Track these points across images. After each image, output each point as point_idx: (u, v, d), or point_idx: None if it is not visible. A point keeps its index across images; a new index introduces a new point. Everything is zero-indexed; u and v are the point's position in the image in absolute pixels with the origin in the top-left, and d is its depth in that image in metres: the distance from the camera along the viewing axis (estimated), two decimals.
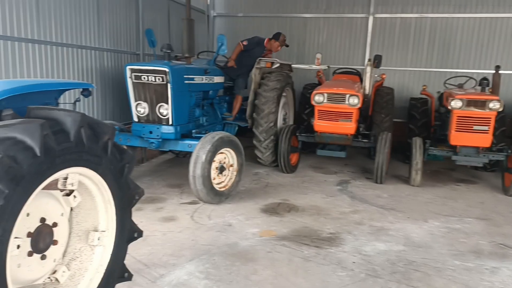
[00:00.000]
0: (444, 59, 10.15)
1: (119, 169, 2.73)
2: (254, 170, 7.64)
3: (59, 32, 5.75)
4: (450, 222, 5.29)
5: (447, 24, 10.05)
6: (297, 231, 4.80)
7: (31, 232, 2.32)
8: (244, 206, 5.65)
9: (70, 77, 5.97)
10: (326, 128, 7.02)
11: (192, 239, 4.47)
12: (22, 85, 2.29)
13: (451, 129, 6.62)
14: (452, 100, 6.53)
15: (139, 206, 5.45)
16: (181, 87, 5.79)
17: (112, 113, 7.18)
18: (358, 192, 6.49)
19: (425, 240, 4.66)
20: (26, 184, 2.05)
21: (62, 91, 2.72)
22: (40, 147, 2.07)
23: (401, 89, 10.39)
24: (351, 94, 6.78)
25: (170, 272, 3.72)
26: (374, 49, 10.42)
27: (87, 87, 2.85)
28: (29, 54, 5.23)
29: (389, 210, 5.69)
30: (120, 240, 2.83)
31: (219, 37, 6.44)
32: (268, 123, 7.40)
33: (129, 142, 5.99)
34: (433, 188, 6.87)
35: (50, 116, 2.25)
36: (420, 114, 8.58)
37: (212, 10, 11.55)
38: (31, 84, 2.35)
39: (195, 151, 5.35)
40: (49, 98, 2.59)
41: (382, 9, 10.43)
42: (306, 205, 5.76)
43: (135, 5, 7.62)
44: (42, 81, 2.69)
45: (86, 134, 2.38)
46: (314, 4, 10.91)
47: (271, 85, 7.49)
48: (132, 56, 7.65)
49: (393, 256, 4.19)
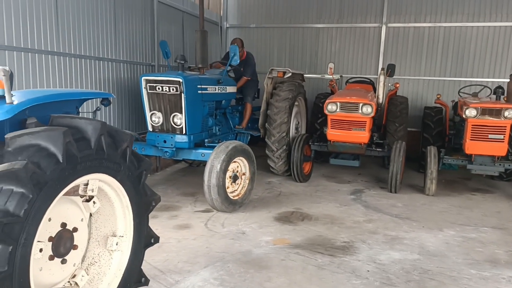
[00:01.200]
0: (458, 68, 10.10)
1: (137, 176, 2.80)
2: (267, 179, 7.67)
3: (78, 44, 5.91)
4: (465, 231, 5.25)
5: (461, 33, 10.02)
6: (311, 240, 4.81)
7: (52, 236, 2.39)
8: (257, 214, 5.68)
9: (88, 87, 6.11)
10: (339, 137, 7.03)
11: (206, 247, 4.51)
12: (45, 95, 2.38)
13: (466, 138, 6.58)
14: (466, 109, 6.50)
15: (154, 213, 5.52)
16: (194, 97, 5.89)
17: (127, 122, 7.30)
18: (372, 202, 6.47)
19: (440, 249, 4.63)
20: (49, 190, 2.12)
21: (83, 101, 2.81)
22: (62, 154, 2.15)
23: (415, 98, 10.36)
24: (364, 103, 6.79)
25: (185, 278, 3.77)
26: (387, 58, 10.43)
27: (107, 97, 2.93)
28: (49, 66, 5.38)
29: (404, 219, 5.66)
30: (137, 245, 2.89)
31: (231, 48, 6.53)
32: (281, 133, 7.45)
33: (144, 151, 6.08)
34: (448, 198, 6.82)
35: (72, 124, 2.34)
36: (435, 123, 8.53)
37: (225, 22, 11.70)
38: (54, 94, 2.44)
39: (209, 161, 5.40)
40: (70, 107, 2.67)
41: (395, 19, 10.45)
42: (320, 214, 5.77)
43: (150, 17, 7.78)
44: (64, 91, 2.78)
45: (106, 142, 2.46)
46: (327, 14, 10.99)
47: (283, 95, 7.54)
48: (147, 67, 7.79)
49: (408, 265, 4.17)
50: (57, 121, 2.33)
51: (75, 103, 2.71)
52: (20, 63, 4.93)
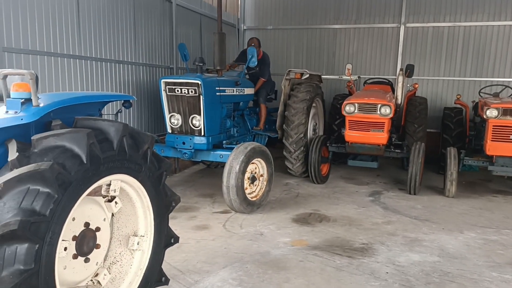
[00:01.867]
0: (478, 68, 9.93)
1: (157, 177, 2.85)
2: (284, 181, 7.68)
3: (99, 48, 6.03)
4: (486, 233, 5.17)
5: (481, 32, 9.85)
6: (329, 241, 4.80)
7: (76, 236, 2.46)
8: (275, 215, 5.70)
9: (108, 90, 6.23)
10: (357, 138, 7.00)
11: (225, 247, 4.55)
12: (69, 98, 2.45)
13: (487, 138, 6.47)
14: (487, 109, 6.40)
15: (174, 214, 5.55)
16: (213, 99, 5.94)
17: (147, 124, 7.40)
18: (391, 203, 6.42)
19: (461, 251, 4.57)
20: (73, 190, 2.18)
21: (105, 103, 2.88)
22: (86, 155, 2.21)
23: (435, 98, 10.23)
24: (383, 104, 6.74)
25: (204, 278, 3.81)
26: (406, 59, 10.33)
27: (128, 99, 3.00)
28: (71, 69, 5.51)
29: (423, 221, 5.60)
30: (157, 245, 2.94)
31: (249, 50, 6.57)
32: (298, 134, 7.45)
33: (163, 153, 6.16)
34: (469, 199, 6.72)
35: (96, 126, 2.40)
36: (455, 124, 8.41)
37: (243, 24, 11.76)
38: (78, 97, 2.51)
39: (228, 162, 5.44)
40: (93, 110, 2.74)
41: (414, 19, 10.34)
42: (338, 216, 5.75)
43: (169, 21, 7.88)
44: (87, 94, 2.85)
45: (128, 143, 2.52)
46: (344, 15, 10.94)
47: (300, 96, 7.55)
48: (166, 70, 7.89)
49: (428, 267, 4.13)
50: (81, 123, 2.40)
51: (97, 105, 2.78)
52: (43, 67, 5.06)
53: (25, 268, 1.95)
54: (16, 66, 4.62)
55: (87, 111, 2.72)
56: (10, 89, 2.28)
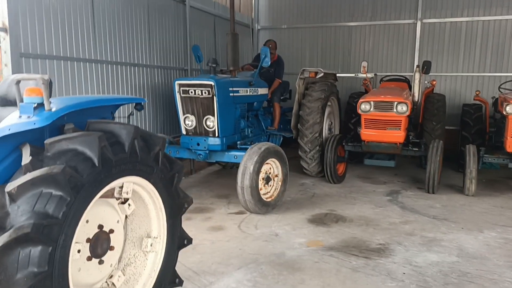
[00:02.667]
0: (498, 63, 9.71)
1: (170, 179, 2.86)
2: (300, 181, 7.64)
3: (114, 51, 6.10)
4: (507, 232, 5.04)
5: (500, 26, 9.63)
6: (345, 242, 4.75)
7: (89, 238, 2.48)
8: (290, 216, 5.67)
9: (124, 93, 6.30)
10: (373, 137, 6.91)
11: (240, 248, 4.54)
12: (81, 101, 2.48)
13: (507, 135, 6.33)
14: (507, 105, 6.26)
15: (189, 215, 5.62)
16: (226, 100, 5.95)
17: (162, 126, 7.46)
18: (409, 202, 6.33)
19: (481, 251, 4.47)
20: (86, 192, 2.21)
21: (117, 106, 2.90)
22: (98, 157, 2.23)
23: (453, 95, 10.05)
24: (399, 102, 6.65)
25: (219, 279, 3.81)
26: (423, 55, 10.17)
27: (140, 101, 3.02)
28: (87, 73, 5.58)
29: (442, 220, 5.50)
30: (171, 246, 2.96)
31: (262, 49, 6.56)
32: (313, 134, 7.40)
33: (178, 154, 6.19)
34: (489, 198, 6.57)
35: (107, 129, 2.42)
36: (474, 120, 8.24)
37: (257, 24, 11.75)
38: (90, 100, 2.54)
39: (242, 162, 5.44)
40: (106, 113, 2.77)
41: (431, 14, 10.17)
42: (354, 216, 5.69)
43: (183, 23, 7.93)
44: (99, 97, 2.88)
45: (139, 146, 2.53)
46: (359, 12, 10.83)
47: (315, 95, 7.50)
48: (180, 72, 7.94)
49: (446, 268, 4.05)
50: (93, 126, 2.42)
51: (110, 108, 2.81)
52: (60, 71, 5.15)
53: (39, 271, 1.98)
54: (33, 71, 4.71)
55: (100, 114, 2.75)
56: (23, 94, 2.32)
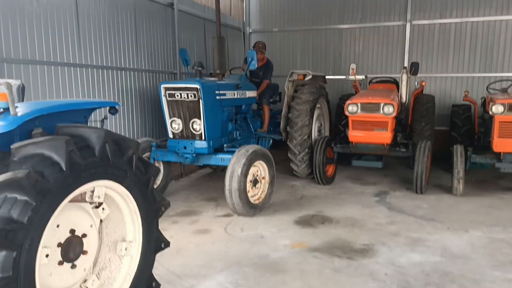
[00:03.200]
0: (487, 64, 9.75)
1: (145, 182, 2.86)
2: (290, 183, 7.65)
3: (99, 55, 6.10)
4: (493, 232, 5.05)
5: (489, 27, 9.67)
6: (330, 243, 4.75)
7: (61, 242, 2.47)
8: (277, 218, 5.67)
9: (110, 97, 6.29)
10: (361, 138, 6.93)
11: (224, 251, 4.54)
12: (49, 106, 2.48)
13: (494, 135, 6.35)
14: (493, 105, 6.28)
15: (176, 219, 5.62)
16: (212, 103, 5.95)
17: (151, 130, 7.46)
18: (397, 203, 6.33)
19: (464, 251, 4.48)
20: (53, 197, 2.20)
21: (90, 110, 2.90)
22: (65, 162, 2.23)
23: (443, 96, 10.08)
24: (386, 103, 6.67)
25: (200, 282, 3.80)
26: (413, 57, 10.20)
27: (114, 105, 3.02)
28: (72, 78, 5.58)
29: (428, 220, 5.50)
30: (147, 250, 2.95)
31: (249, 53, 6.57)
32: (302, 136, 7.41)
33: (166, 158, 6.19)
34: (477, 198, 6.58)
35: (76, 133, 2.42)
36: (463, 121, 8.28)
37: (248, 27, 11.77)
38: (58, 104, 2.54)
39: (230, 165, 5.44)
40: (79, 117, 2.77)
41: (420, 16, 10.21)
42: (341, 217, 5.69)
43: (171, 26, 7.94)
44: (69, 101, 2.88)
45: (111, 149, 2.53)
46: (349, 15, 10.87)
47: (303, 98, 7.51)
48: (169, 75, 7.95)
49: (429, 268, 4.05)
50: (62, 131, 2.42)
51: (83, 113, 2.81)
52: (43, 76, 5.14)
53: (3, 276, 1.97)
54: (15, 77, 4.71)
55: (73, 119, 2.75)
56: None
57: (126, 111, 6.76)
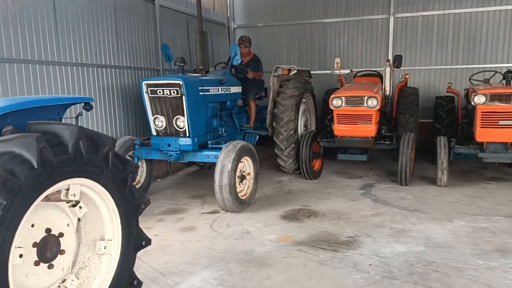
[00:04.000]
0: (470, 55, 9.85)
1: (122, 179, 2.81)
2: (277, 178, 7.64)
3: (79, 53, 6.01)
4: (476, 221, 5.10)
5: (471, 19, 9.77)
6: (315, 236, 4.75)
7: (36, 242, 2.42)
8: (264, 213, 5.66)
9: (91, 96, 6.20)
10: (345, 132, 6.94)
11: (210, 247, 4.51)
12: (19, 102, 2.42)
13: (476, 125, 6.41)
14: (475, 96, 6.33)
15: (161, 217, 5.57)
16: (196, 99, 5.90)
17: (134, 128, 7.39)
18: (382, 195, 6.36)
19: (448, 240, 4.51)
20: (25, 196, 2.15)
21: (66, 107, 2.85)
22: (37, 159, 2.17)
23: (427, 88, 10.17)
24: (369, 96, 6.68)
25: (185, 279, 3.77)
26: (397, 50, 10.26)
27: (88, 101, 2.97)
28: (50, 76, 5.49)
29: (412, 211, 5.54)
30: (127, 248, 2.90)
31: (232, 48, 6.52)
32: (288, 131, 7.40)
33: (150, 156, 6.13)
34: (461, 188, 6.64)
35: (48, 130, 2.36)
36: (446, 112, 8.36)
37: (233, 22, 11.72)
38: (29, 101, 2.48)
39: (219, 161, 5.40)
40: (53, 114, 2.71)
41: (403, 9, 10.27)
42: (327, 210, 5.70)
43: (153, 22, 7.86)
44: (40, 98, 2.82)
45: (85, 146, 2.48)
46: (333, 9, 10.89)
47: (289, 92, 7.49)
48: (152, 72, 7.87)
49: (412, 257, 4.07)
50: (33, 128, 2.36)
51: (56, 109, 2.75)
52: (21, 75, 5.05)
53: None
54: None
55: (47, 116, 2.69)
56: None
57: (107, 109, 6.68)
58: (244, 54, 7.85)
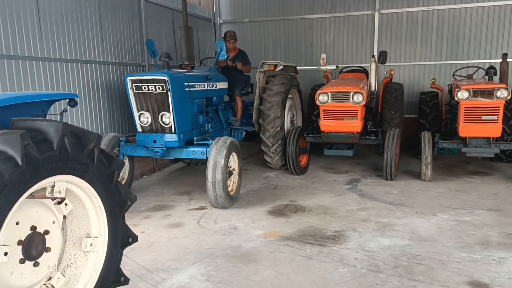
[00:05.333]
0: (454, 51, 9.97)
1: (108, 176, 2.79)
2: (264, 174, 7.66)
3: (63, 48, 5.91)
4: (459, 214, 5.19)
5: (454, 15, 9.88)
6: (302, 231, 4.79)
7: (21, 240, 2.39)
8: (251, 209, 5.67)
9: (75, 92, 6.11)
10: (332, 128, 6.99)
11: (197, 244, 4.51)
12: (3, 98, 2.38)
13: (460, 120, 6.51)
14: (458, 91, 6.43)
15: (148, 214, 5.55)
16: (182, 95, 5.86)
17: (120, 125, 7.31)
18: (368, 190, 6.43)
19: (432, 233, 4.58)
20: (9, 193, 2.12)
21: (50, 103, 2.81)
22: (21, 156, 2.14)
23: (412, 84, 10.27)
24: (355, 92, 6.73)
25: (172, 276, 3.77)
26: (382, 46, 10.33)
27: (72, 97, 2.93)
28: (34, 72, 5.39)
29: (398, 206, 5.61)
30: (113, 245, 2.89)
31: (217, 43, 6.49)
32: (275, 128, 7.41)
33: (135, 153, 6.08)
34: (445, 182, 6.75)
35: (33, 126, 2.33)
36: (430, 108, 8.46)
37: (218, 18, 11.66)
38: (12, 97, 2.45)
39: (211, 157, 5.39)
40: (37, 110, 2.68)
41: (388, 5, 10.33)
42: (314, 205, 5.74)
43: (138, 17, 7.77)
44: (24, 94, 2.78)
45: (70, 143, 2.45)
46: (319, 4, 10.90)
47: (275, 89, 7.50)
48: (137, 68, 7.79)
49: (397, 251, 4.13)
50: (17, 124, 2.33)
51: (40, 106, 2.71)
52: (3, 71, 4.95)
53: None
54: None
55: (31, 112, 2.66)
56: None
57: (92, 106, 6.60)
58: (230, 49, 7.88)
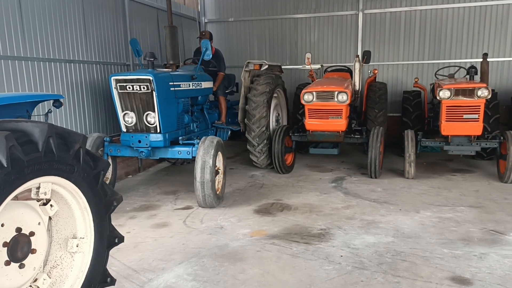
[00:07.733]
0: (436, 51, 10.14)
1: (94, 177, 2.77)
2: (250, 173, 7.69)
3: (46, 47, 5.83)
4: (442, 211, 5.30)
5: (437, 16, 10.05)
6: (288, 229, 4.83)
7: (7, 242, 2.37)
8: (237, 208, 5.69)
9: (59, 92, 6.03)
10: (317, 127, 7.05)
11: (183, 243, 4.51)
12: None
13: (442, 119, 6.63)
14: (440, 90, 6.55)
15: (133, 214, 5.52)
16: (166, 95, 5.84)
17: (104, 125, 7.25)
18: (352, 188, 6.51)
19: (415, 230, 4.67)
20: None
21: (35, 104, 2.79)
22: (6, 158, 2.12)
23: (395, 83, 10.41)
24: (340, 91, 6.81)
25: (159, 276, 3.77)
26: (366, 45, 10.45)
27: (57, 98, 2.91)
28: (16, 72, 5.30)
29: (382, 203, 5.70)
30: (99, 246, 2.88)
31: (203, 42, 6.48)
32: (260, 128, 7.44)
33: (120, 153, 6.04)
34: (428, 180, 6.87)
35: (17, 128, 2.31)
36: (413, 107, 8.60)
37: (203, 17, 11.63)
38: None
39: (199, 157, 5.39)
40: (21, 111, 2.65)
41: (371, 5, 10.45)
42: (299, 204, 5.79)
43: (122, 16, 7.70)
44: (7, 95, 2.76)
45: (55, 144, 2.44)
46: (304, 4, 10.97)
47: (260, 89, 7.53)
48: (122, 67, 7.72)
49: (382, 248, 4.20)
50: (2, 126, 2.29)
51: (25, 107, 2.69)
52: None
53: None
54: None
55: (15, 113, 2.63)
56: None
57: (76, 106, 6.53)
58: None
